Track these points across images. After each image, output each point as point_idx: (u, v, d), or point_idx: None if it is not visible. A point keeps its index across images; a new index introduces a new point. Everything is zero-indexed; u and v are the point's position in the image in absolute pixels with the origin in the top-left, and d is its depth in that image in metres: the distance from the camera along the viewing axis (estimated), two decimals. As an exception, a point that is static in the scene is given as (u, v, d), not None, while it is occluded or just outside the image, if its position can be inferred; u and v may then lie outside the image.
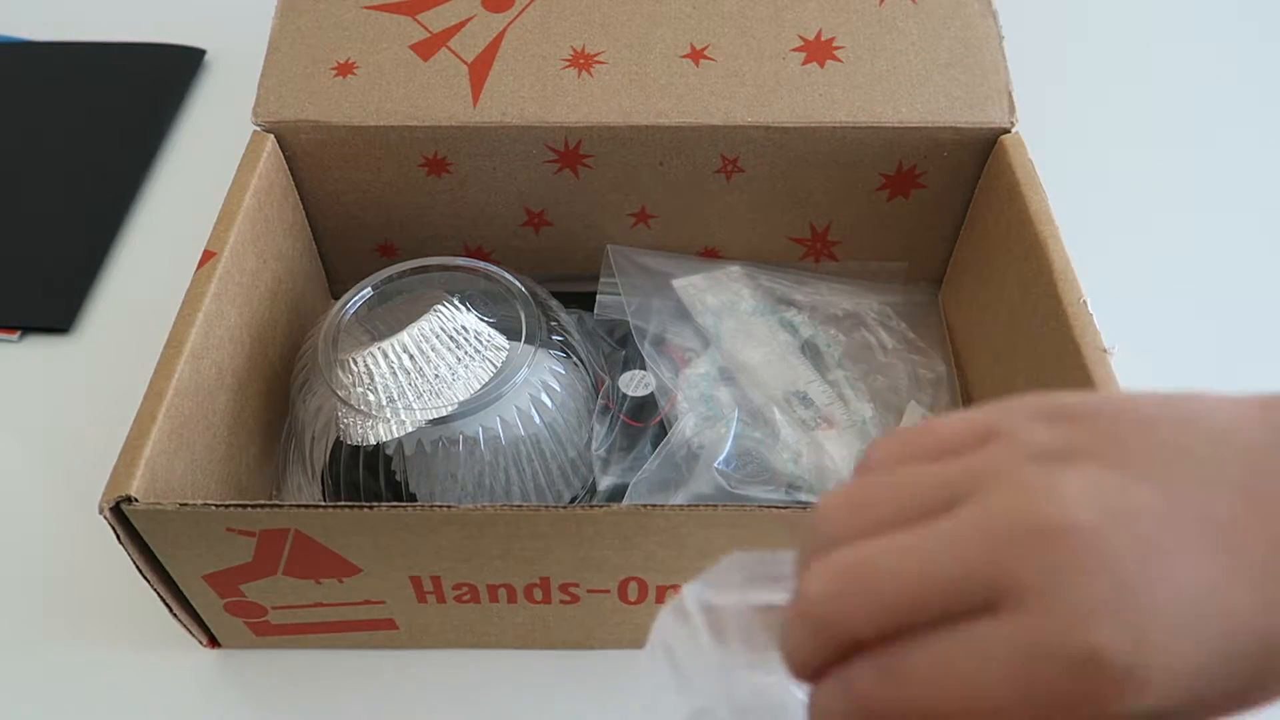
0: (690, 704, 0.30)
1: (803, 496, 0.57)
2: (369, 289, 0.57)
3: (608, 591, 0.50)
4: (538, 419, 0.53)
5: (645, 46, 0.61)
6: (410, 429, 0.51)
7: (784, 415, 0.59)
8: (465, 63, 0.60)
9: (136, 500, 0.43)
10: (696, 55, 0.60)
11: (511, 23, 0.61)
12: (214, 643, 0.54)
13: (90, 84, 0.86)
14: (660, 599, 0.50)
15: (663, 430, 0.59)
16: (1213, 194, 0.78)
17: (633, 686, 0.53)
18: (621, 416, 0.59)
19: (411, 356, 0.52)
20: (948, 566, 0.22)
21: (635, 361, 0.62)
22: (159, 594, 0.49)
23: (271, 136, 0.59)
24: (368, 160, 0.61)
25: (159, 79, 0.86)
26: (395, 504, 0.44)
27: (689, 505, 0.44)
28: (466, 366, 0.53)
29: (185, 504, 0.43)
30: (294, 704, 0.53)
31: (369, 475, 0.54)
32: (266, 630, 0.53)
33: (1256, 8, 0.94)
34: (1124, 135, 0.82)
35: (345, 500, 0.52)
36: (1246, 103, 0.85)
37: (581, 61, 0.60)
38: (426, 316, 0.53)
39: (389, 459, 0.53)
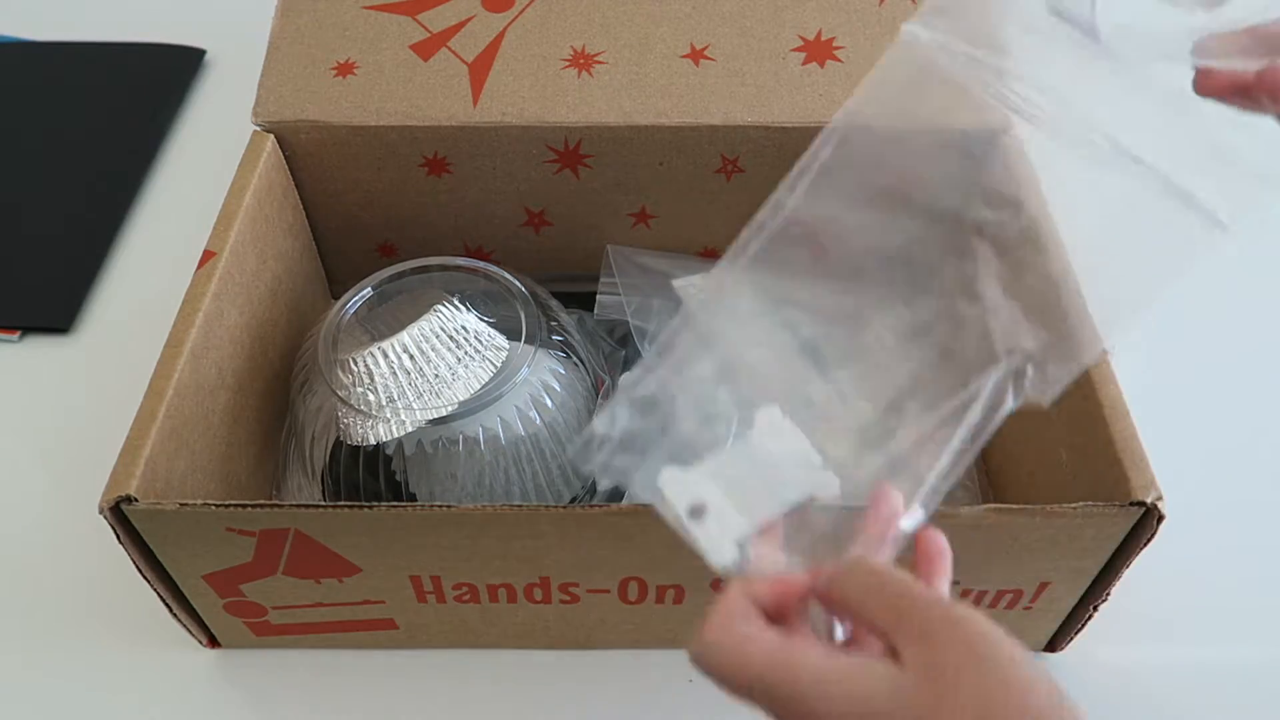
0: None
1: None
2: (369, 289, 0.57)
3: (608, 591, 0.50)
4: (538, 419, 0.53)
5: (645, 46, 0.61)
6: (410, 429, 0.51)
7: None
8: (465, 63, 0.60)
9: (136, 500, 0.43)
10: (696, 55, 0.60)
11: (511, 23, 0.61)
12: (214, 643, 0.54)
13: (90, 84, 0.86)
14: (660, 599, 0.50)
15: (663, 430, 0.59)
16: (1213, 194, 0.78)
17: (633, 686, 0.54)
18: (621, 416, 0.59)
19: (411, 356, 0.52)
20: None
21: (635, 361, 0.62)
22: (159, 594, 0.49)
23: (271, 136, 0.59)
24: (368, 160, 0.61)
25: (159, 79, 0.86)
26: (395, 504, 0.44)
27: (689, 505, 0.44)
28: (466, 366, 0.53)
29: (185, 504, 0.43)
30: (294, 704, 0.53)
31: (369, 475, 0.54)
32: (266, 630, 0.53)
33: (1256, 7, 0.94)
34: (1124, 135, 0.82)
35: (345, 500, 0.52)
36: (1246, 103, 0.85)
37: (581, 61, 0.60)
38: (426, 316, 0.53)
39: (389, 459, 0.53)
